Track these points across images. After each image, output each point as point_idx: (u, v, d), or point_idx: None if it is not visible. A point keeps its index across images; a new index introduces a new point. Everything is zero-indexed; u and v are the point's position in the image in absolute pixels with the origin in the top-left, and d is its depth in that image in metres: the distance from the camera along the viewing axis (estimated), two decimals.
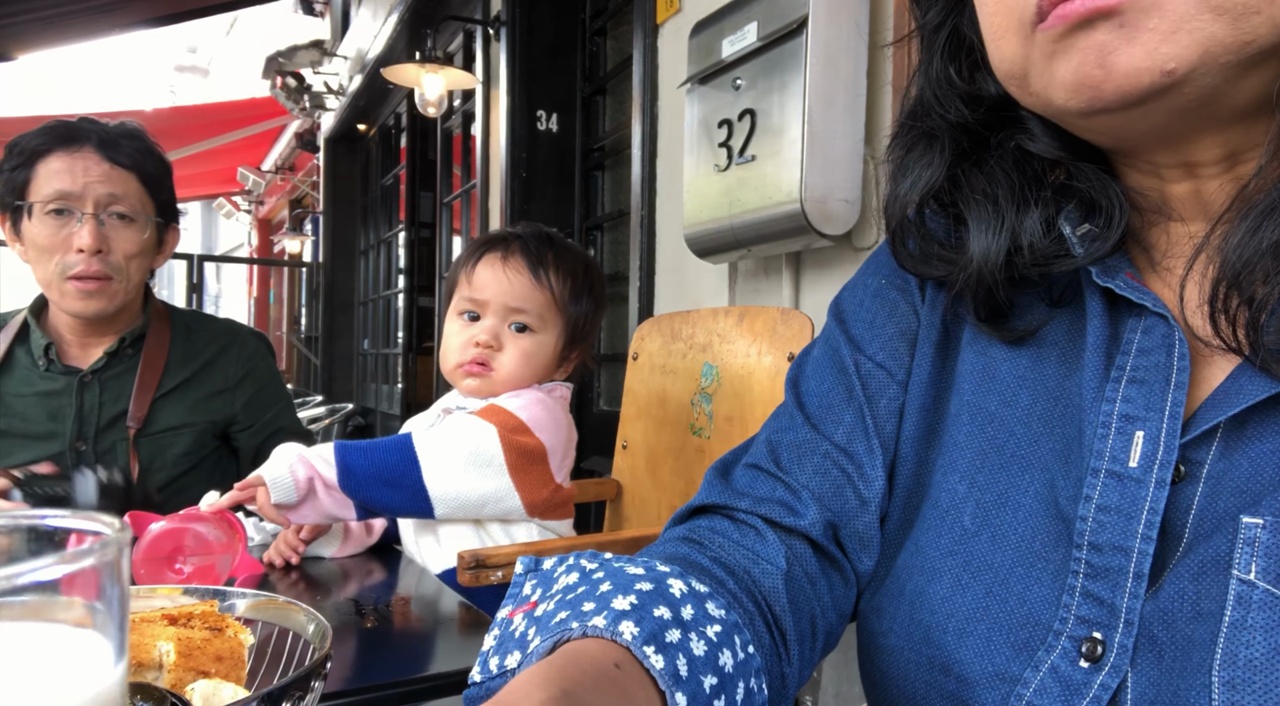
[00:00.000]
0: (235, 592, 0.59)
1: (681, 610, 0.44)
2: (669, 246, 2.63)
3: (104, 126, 1.38)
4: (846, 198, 1.90)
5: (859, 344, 0.62)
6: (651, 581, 0.46)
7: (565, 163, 3.86)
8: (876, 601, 0.57)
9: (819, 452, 0.60)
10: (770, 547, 0.56)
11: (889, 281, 0.64)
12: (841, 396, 0.61)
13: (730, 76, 2.08)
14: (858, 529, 0.58)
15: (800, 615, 0.54)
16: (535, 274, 1.18)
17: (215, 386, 1.48)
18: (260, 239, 11.95)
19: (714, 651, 0.43)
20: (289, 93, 6.95)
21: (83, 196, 1.32)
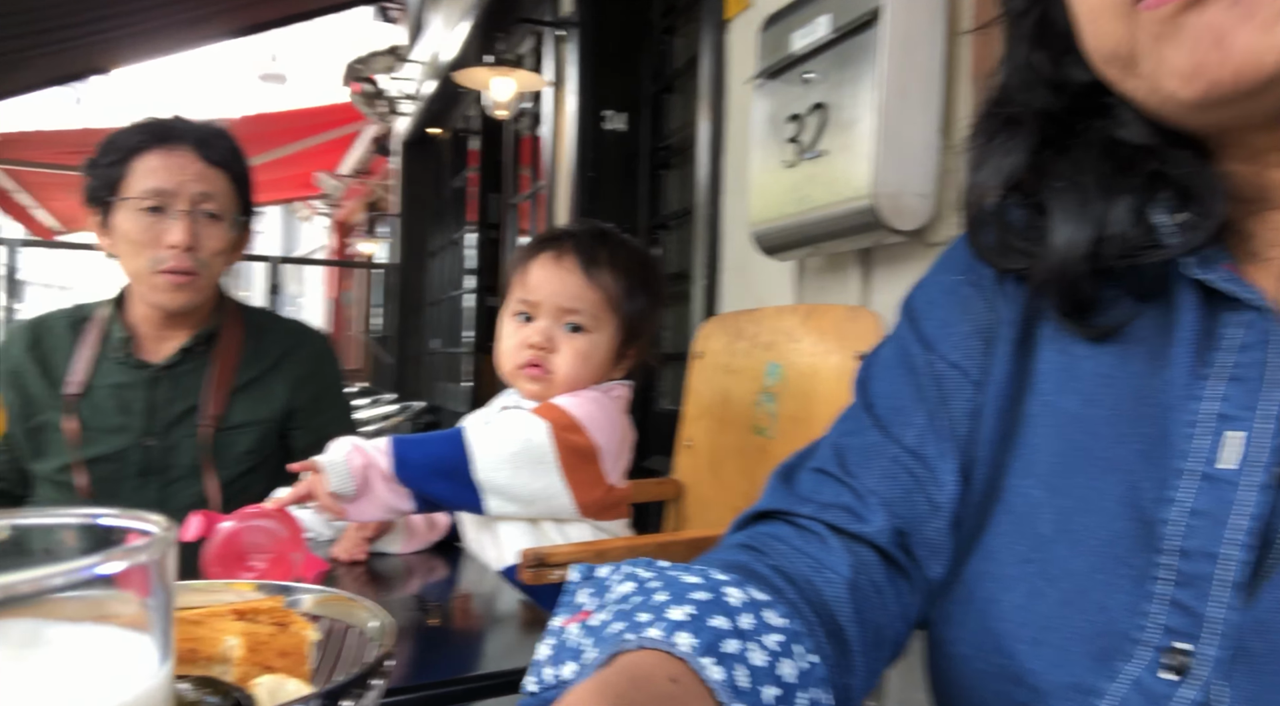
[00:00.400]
0: (302, 588, 0.59)
1: (739, 619, 0.43)
2: (734, 244, 2.60)
3: (198, 125, 1.41)
4: (921, 192, 1.85)
5: (931, 343, 0.60)
6: (708, 590, 0.44)
7: (631, 162, 3.86)
8: (945, 608, 0.55)
9: (887, 456, 0.57)
10: (834, 555, 0.54)
11: (964, 277, 0.61)
12: (912, 397, 0.59)
13: (800, 70, 2.05)
14: (928, 535, 0.56)
15: (865, 624, 0.52)
16: (588, 273, 1.17)
17: (281, 384, 1.49)
18: (337, 241, 12.30)
19: (774, 661, 0.42)
20: (366, 99, 7.13)
21: (177, 194, 1.34)
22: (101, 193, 1.37)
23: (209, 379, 1.43)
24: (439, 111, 6.92)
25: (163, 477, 1.39)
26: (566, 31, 3.99)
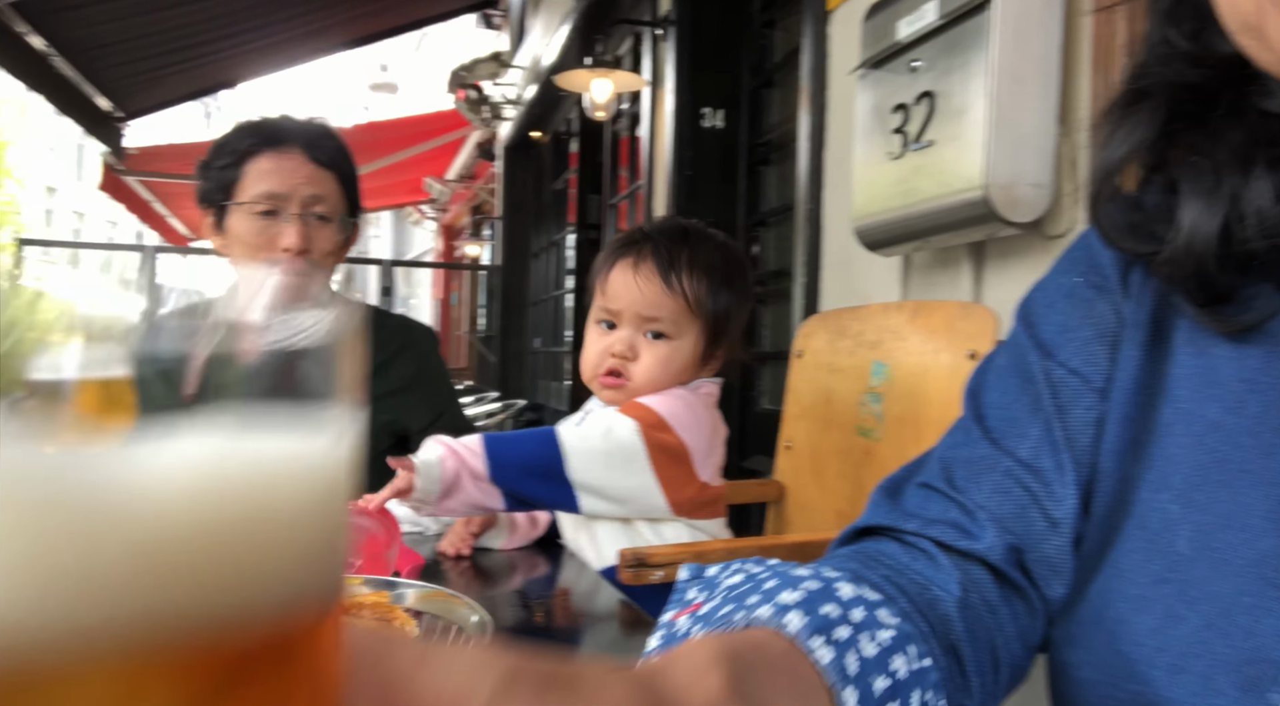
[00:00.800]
0: (406, 584, 0.60)
1: (851, 612, 0.41)
2: (836, 240, 2.54)
3: (306, 126, 1.41)
4: (1036, 182, 1.75)
5: (1049, 349, 0.56)
6: (819, 582, 0.43)
7: (730, 159, 3.83)
8: (1069, 630, 0.51)
9: (999, 470, 0.54)
10: (943, 573, 0.50)
11: (1085, 279, 0.57)
12: (1027, 407, 0.55)
13: (907, 59, 1.98)
14: (1046, 553, 0.52)
15: (979, 645, 0.49)
16: (667, 280, 1.15)
17: (390, 386, 1.50)
18: (444, 244, 12.70)
19: (886, 655, 0.40)
20: (470, 105, 7.32)
21: (290, 197, 1.35)
22: (215, 196, 1.39)
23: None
24: (540, 115, 7.04)
25: None
26: (664, 30, 3.99)
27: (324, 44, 6.07)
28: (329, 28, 5.79)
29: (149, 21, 4.38)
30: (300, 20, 5.40)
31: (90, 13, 3.99)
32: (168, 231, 9.55)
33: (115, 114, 5.07)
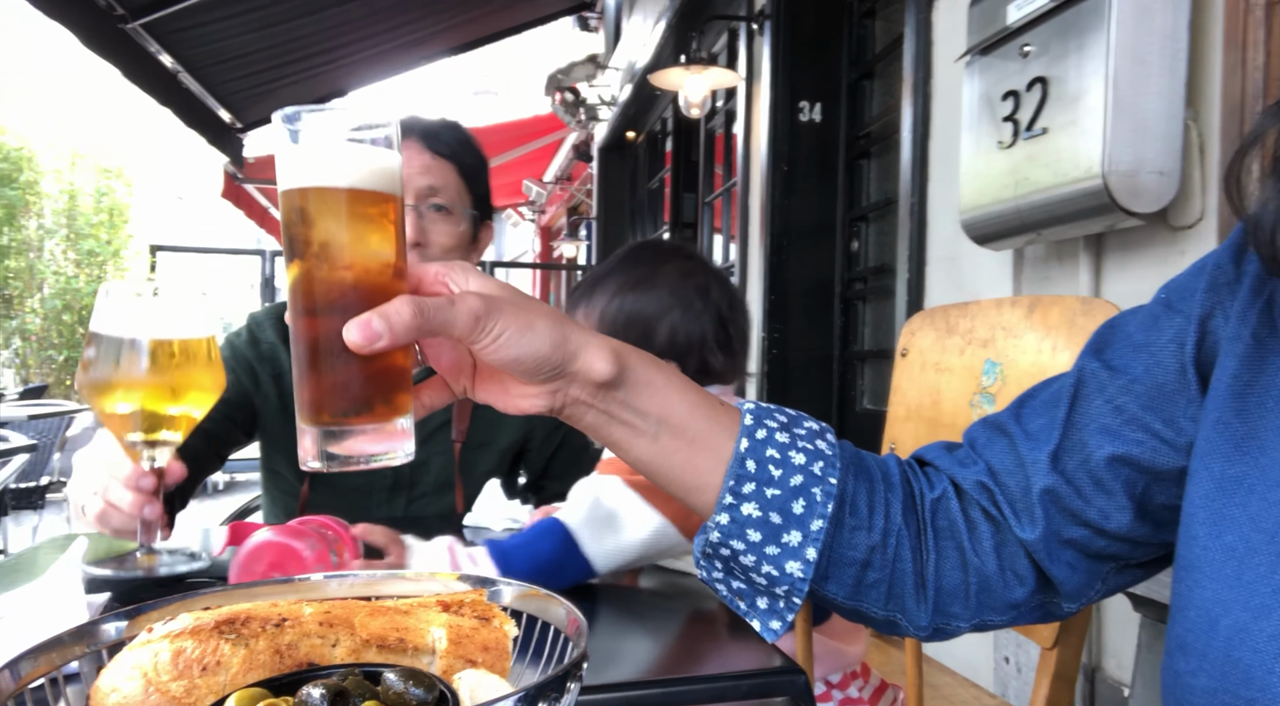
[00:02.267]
0: (502, 582, 0.60)
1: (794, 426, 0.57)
2: (941, 234, 2.45)
3: (426, 120, 1.34)
4: (1161, 170, 1.64)
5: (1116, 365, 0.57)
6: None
7: (828, 153, 3.75)
8: (1181, 637, 0.49)
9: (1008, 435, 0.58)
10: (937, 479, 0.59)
11: (1166, 297, 0.56)
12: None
13: (1017, 44, 1.89)
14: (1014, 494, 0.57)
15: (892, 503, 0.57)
16: (573, 315, 1.12)
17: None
18: (542, 245, 12.92)
19: (796, 444, 0.56)
20: (567, 107, 7.42)
21: (404, 187, 1.31)
22: None
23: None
24: (635, 115, 7.07)
25: (411, 493, 1.35)
26: (760, 24, 3.94)
27: (427, 52, 6.25)
28: (432, 36, 5.96)
29: (264, 37, 4.60)
30: (405, 29, 5.58)
31: (211, 30, 4.23)
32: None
33: (235, 125, 5.36)
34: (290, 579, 0.58)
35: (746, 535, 0.55)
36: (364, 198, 0.51)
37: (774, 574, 0.55)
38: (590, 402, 0.54)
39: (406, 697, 0.44)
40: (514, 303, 0.52)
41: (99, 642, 0.50)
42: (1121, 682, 1.82)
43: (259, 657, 0.48)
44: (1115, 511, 0.53)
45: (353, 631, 0.51)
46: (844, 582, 0.56)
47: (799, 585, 0.55)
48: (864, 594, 0.57)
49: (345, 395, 0.51)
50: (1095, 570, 0.56)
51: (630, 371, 0.55)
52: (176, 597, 0.54)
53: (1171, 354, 0.53)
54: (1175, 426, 0.52)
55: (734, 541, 0.55)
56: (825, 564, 0.55)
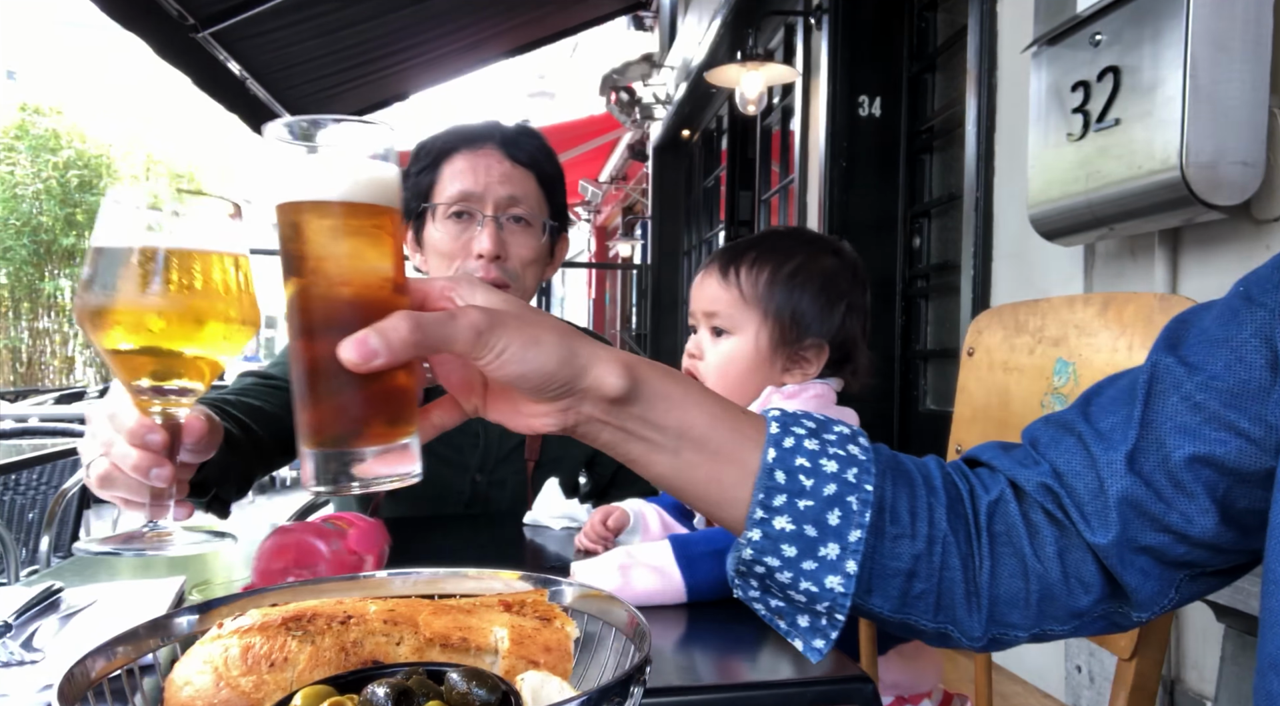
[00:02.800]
0: (564, 582, 0.59)
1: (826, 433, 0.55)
2: (1008, 230, 2.38)
3: (505, 126, 1.31)
4: (1245, 160, 1.57)
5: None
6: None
7: (888, 148, 3.68)
8: (1274, 654, 0.46)
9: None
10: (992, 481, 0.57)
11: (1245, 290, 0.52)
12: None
13: (1087, 32, 1.82)
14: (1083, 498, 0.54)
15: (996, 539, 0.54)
16: (724, 273, 1.11)
17: None
18: (597, 244, 12.98)
19: (827, 450, 0.53)
20: (622, 107, 7.44)
21: (484, 197, 1.24)
22: (414, 202, 1.29)
23: None
24: (690, 114, 7.05)
25: (486, 508, 1.34)
26: (817, 19, 3.89)
27: (485, 54, 6.33)
28: (489, 38, 6.03)
29: (328, 43, 4.71)
30: (463, 33, 5.66)
31: (277, 38, 4.34)
32: None
33: None
34: (355, 576, 0.59)
35: (781, 551, 0.52)
36: (360, 211, 0.50)
37: (813, 590, 0.52)
38: (604, 420, 0.52)
39: (470, 698, 0.44)
40: (519, 317, 0.50)
41: (172, 636, 0.51)
42: (1204, 696, 1.75)
43: (325, 654, 0.49)
44: (1198, 515, 0.50)
45: (416, 630, 0.51)
46: (889, 595, 0.53)
47: (840, 601, 0.52)
48: (911, 605, 0.54)
49: (345, 417, 0.49)
50: (1170, 577, 0.53)
51: (644, 384, 0.52)
52: (245, 594, 0.55)
53: (1255, 349, 0.50)
54: (1264, 424, 0.49)
55: (768, 558, 0.52)
56: (867, 576, 0.53)
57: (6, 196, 8.55)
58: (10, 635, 0.71)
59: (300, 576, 0.82)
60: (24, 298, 8.93)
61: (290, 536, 0.83)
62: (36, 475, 2.52)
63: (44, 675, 0.64)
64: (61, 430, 2.82)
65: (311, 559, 0.82)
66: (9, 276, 8.72)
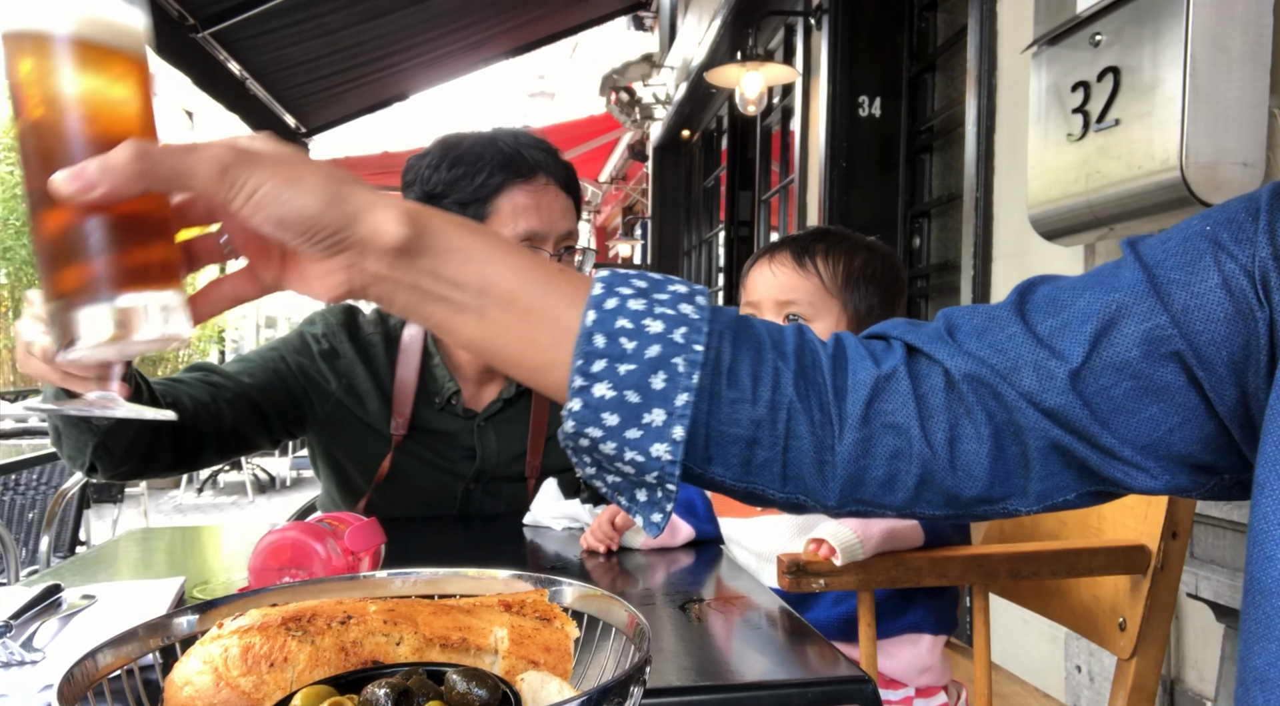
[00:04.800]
0: (564, 582, 0.59)
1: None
2: (1008, 230, 2.38)
3: (549, 151, 1.27)
4: (1245, 161, 1.57)
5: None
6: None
7: (889, 148, 3.68)
8: (1260, 668, 0.44)
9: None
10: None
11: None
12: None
13: (1087, 32, 1.82)
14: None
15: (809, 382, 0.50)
16: (800, 262, 1.13)
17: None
18: (598, 244, 12.98)
19: (653, 311, 0.49)
20: (622, 107, 7.45)
21: (548, 236, 1.23)
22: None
23: (531, 426, 1.36)
24: (690, 114, 7.05)
25: (481, 515, 1.36)
26: (818, 19, 3.89)
27: (486, 54, 6.33)
28: (489, 38, 6.04)
29: (328, 43, 4.71)
30: (463, 33, 5.66)
31: (277, 38, 4.35)
32: None
33: (300, 130, 5.50)
34: (355, 576, 0.59)
35: (602, 420, 0.47)
36: (94, 53, 0.46)
37: (639, 460, 0.48)
38: (392, 276, 0.47)
39: (470, 698, 0.44)
40: (276, 156, 0.45)
41: (172, 636, 0.51)
42: (1204, 696, 1.75)
43: (324, 654, 0.49)
44: (1134, 453, 0.48)
45: (416, 629, 0.51)
46: (729, 463, 0.49)
47: (669, 469, 0.48)
48: (755, 474, 0.50)
49: (84, 260, 0.44)
50: (1077, 485, 0.50)
51: (433, 235, 0.47)
52: (245, 594, 0.55)
53: (1218, 301, 0.46)
54: (1215, 375, 0.46)
55: (590, 428, 0.48)
56: (704, 444, 0.48)
57: (6, 196, 8.56)
58: (10, 635, 0.71)
59: (296, 576, 0.82)
60: (24, 298, 8.95)
61: (286, 536, 0.83)
62: (36, 475, 2.52)
63: (44, 675, 0.64)
64: None
65: (307, 558, 0.82)
66: (9, 276, 8.73)
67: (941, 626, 1.09)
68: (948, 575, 0.95)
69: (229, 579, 0.99)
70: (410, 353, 1.33)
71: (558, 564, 1.09)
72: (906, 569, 0.94)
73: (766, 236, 5.34)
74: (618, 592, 0.55)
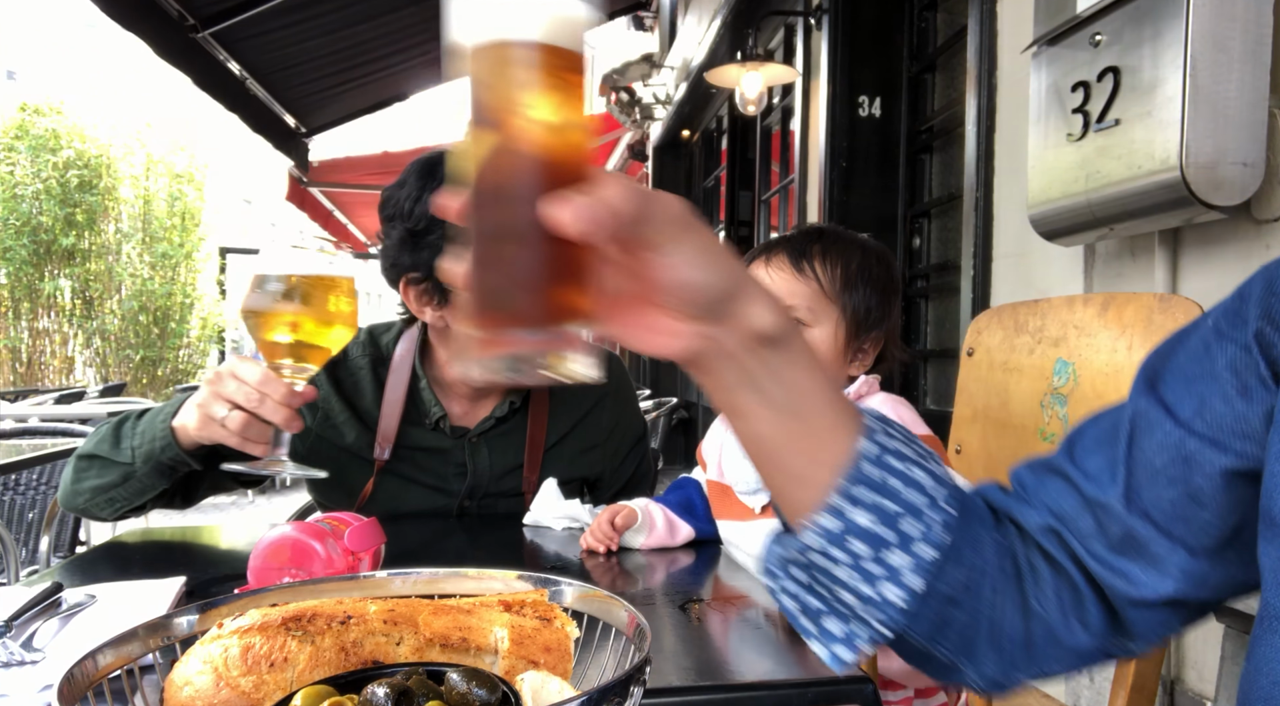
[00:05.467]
0: (564, 582, 0.59)
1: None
2: (1008, 230, 2.38)
3: None
4: (1244, 161, 1.57)
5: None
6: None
7: (889, 148, 3.68)
8: (1268, 688, 0.44)
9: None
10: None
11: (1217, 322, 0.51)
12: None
13: (1087, 33, 1.82)
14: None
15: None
16: (798, 267, 1.13)
17: (589, 441, 1.42)
18: None
19: (919, 461, 0.51)
20: (622, 107, 7.44)
21: None
22: (419, 272, 1.22)
23: (528, 442, 1.35)
24: (690, 114, 7.05)
25: (476, 522, 1.34)
26: (818, 19, 3.89)
27: None
28: None
29: (327, 43, 4.71)
30: None
31: (277, 38, 4.35)
32: (348, 239, 10.28)
33: (300, 130, 5.50)
34: (355, 576, 0.59)
35: (849, 545, 0.49)
36: (560, 57, 0.43)
37: (869, 595, 0.49)
38: (739, 358, 0.47)
39: (470, 698, 0.44)
40: (695, 217, 0.45)
41: (172, 636, 0.51)
42: (1203, 696, 1.75)
43: (325, 654, 0.49)
44: (1184, 556, 0.50)
45: (416, 630, 0.51)
46: (927, 618, 0.50)
47: (895, 616, 0.49)
48: (942, 635, 0.51)
49: (535, 292, 0.42)
50: (1167, 612, 0.52)
51: (793, 336, 0.48)
52: (245, 594, 0.55)
53: (1228, 383, 0.49)
54: (1244, 457, 0.48)
55: (835, 550, 0.49)
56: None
57: (6, 196, 8.56)
58: (10, 635, 0.71)
59: (296, 576, 0.82)
60: (24, 298, 8.93)
61: (286, 536, 0.83)
62: (36, 475, 2.52)
63: (44, 675, 0.64)
64: (61, 430, 2.82)
65: (307, 558, 0.82)
66: (9, 276, 8.73)
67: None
68: None
69: (229, 579, 0.99)
70: (400, 373, 1.34)
71: (558, 564, 1.09)
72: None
73: (766, 236, 5.34)
74: (618, 592, 0.55)
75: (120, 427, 1.13)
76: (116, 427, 1.14)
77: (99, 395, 6.61)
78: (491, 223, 0.42)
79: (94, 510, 1.16)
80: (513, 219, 0.42)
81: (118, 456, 1.11)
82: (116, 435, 1.13)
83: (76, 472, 1.15)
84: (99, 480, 1.13)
